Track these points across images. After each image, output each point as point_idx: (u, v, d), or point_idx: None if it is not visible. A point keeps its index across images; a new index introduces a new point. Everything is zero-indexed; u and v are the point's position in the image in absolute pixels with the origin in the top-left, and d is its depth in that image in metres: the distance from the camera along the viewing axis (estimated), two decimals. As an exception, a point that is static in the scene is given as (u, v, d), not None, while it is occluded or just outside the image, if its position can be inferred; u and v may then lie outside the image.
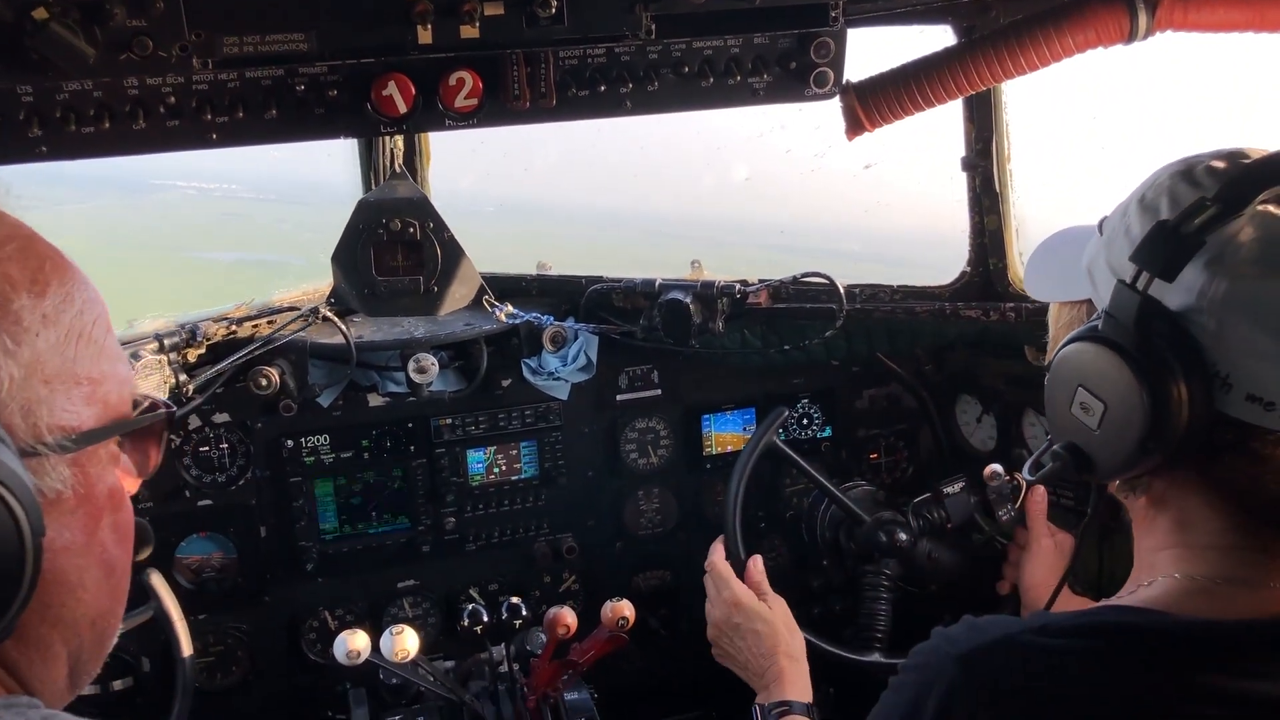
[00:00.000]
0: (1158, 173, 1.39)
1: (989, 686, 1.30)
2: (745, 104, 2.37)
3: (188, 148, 2.11)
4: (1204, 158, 1.35)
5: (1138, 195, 1.38)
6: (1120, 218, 1.40)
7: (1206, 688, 1.24)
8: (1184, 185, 1.31)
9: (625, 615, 2.63)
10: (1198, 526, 1.36)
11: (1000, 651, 1.33)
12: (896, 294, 3.08)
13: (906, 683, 1.42)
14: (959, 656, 1.33)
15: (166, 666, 3.16)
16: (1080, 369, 1.35)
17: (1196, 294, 1.24)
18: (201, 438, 3.11)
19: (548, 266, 3.42)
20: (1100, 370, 1.32)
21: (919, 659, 1.42)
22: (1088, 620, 1.34)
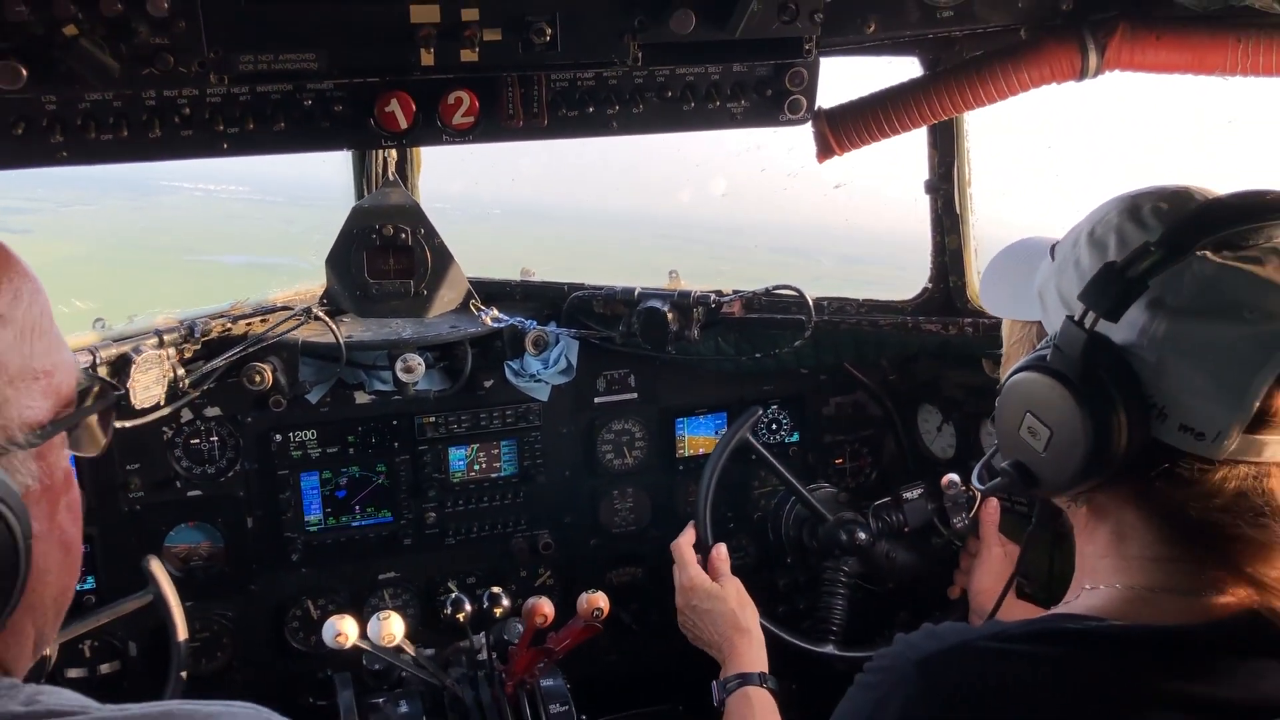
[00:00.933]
0: (1106, 207, 1.47)
1: (946, 691, 1.35)
2: (723, 127, 2.51)
3: (200, 155, 2.23)
4: (1150, 196, 1.43)
5: (1087, 228, 1.47)
6: (1071, 248, 1.48)
7: (1153, 690, 1.30)
8: (1131, 225, 1.41)
9: (600, 606, 2.77)
10: (1133, 539, 1.45)
11: (957, 657, 1.38)
12: (862, 307, 3.24)
13: (870, 683, 1.47)
14: (918, 662, 1.39)
15: (154, 650, 3.26)
16: (1029, 396, 1.44)
17: (1138, 331, 1.34)
18: (193, 430, 3.21)
19: (531, 273, 3.56)
20: (1048, 399, 1.41)
21: (883, 663, 1.47)
22: (1040, 627, 1.39)
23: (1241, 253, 1.32)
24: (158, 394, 2.87)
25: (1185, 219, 1.35)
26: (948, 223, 2.96)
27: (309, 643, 3.42)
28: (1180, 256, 1.32)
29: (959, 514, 3.08)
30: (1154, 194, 1.44)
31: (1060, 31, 2.36)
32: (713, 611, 2.83)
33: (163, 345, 2.87)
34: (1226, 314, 1.30)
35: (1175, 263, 1.32)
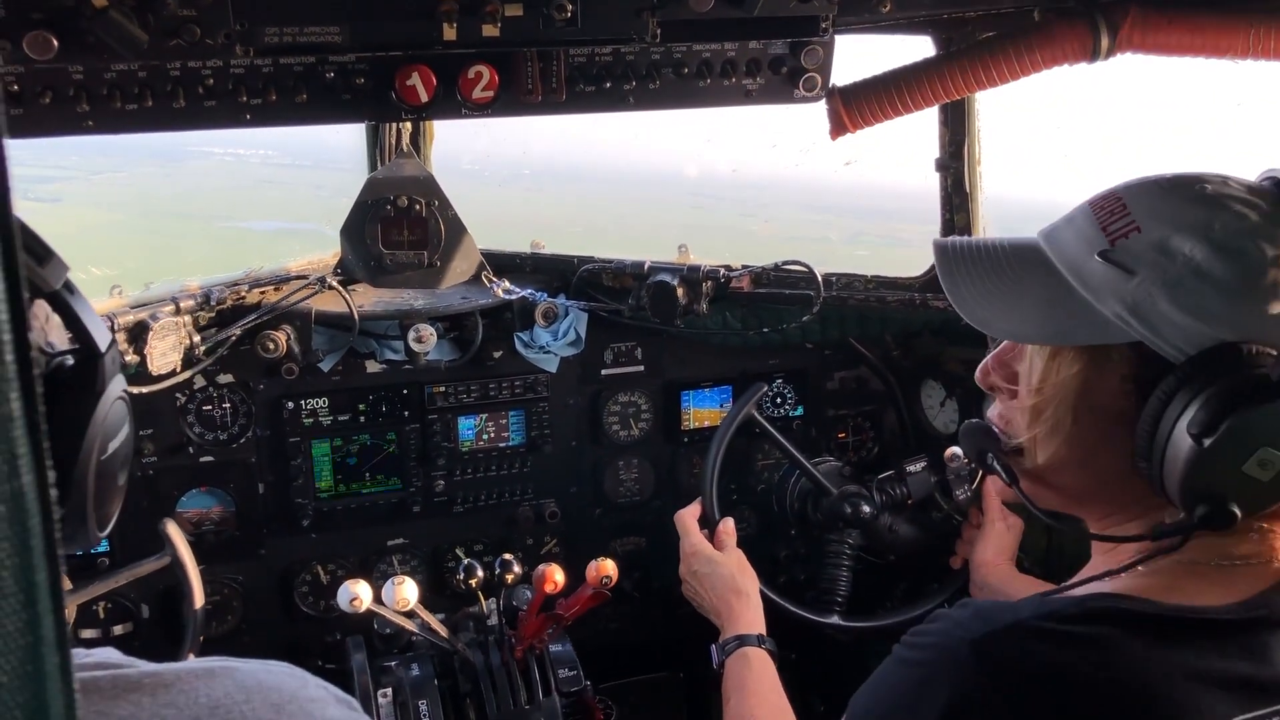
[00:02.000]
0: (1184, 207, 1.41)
1: (1001, 671, 1.35)
2: (738, 103, 2.54)
3: (223, 126, 2.26)
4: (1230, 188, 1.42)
5: (1194, 234, 1.38)
6: (1167, 258, 1.39)
7: (1204, 670, 1.32)
8: (1270, 225, 1.38)
9: (609, 574, 2.83)
10: None
11: (1011, 638, 1.37)
12: (870, 283, 3.28)
13: (916, 660, 1.46)
14: (972, 641, 1.37)
15: (166, 612, 3.31)
16: (1271, 430, 1.33)
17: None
18: (205, 397, 3.25)
19: (541, 245, 3.59)
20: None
21: (930, 639, 1.45)
22: (1092, 608, 1.39)
23: None
24: (174, 360, 2.91)
25: None
26: (957, 200, 3.00)
27: (318, 607, 3.47)
28: None
29: (961, 486, 3.13)
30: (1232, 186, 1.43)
31: (1072, 14, 2.38)
32: (711, 576, 2.89)
33: (179, 313, 2.90)
34: None
35: None
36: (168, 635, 3.31)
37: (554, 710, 2.81)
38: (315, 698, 1.20)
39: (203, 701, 1.10)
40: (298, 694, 1.18)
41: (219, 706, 1.11)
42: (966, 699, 1.35)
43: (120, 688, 1.09)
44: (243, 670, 1.19)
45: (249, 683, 1.15)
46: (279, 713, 1.13)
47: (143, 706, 1.08)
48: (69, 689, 0.62)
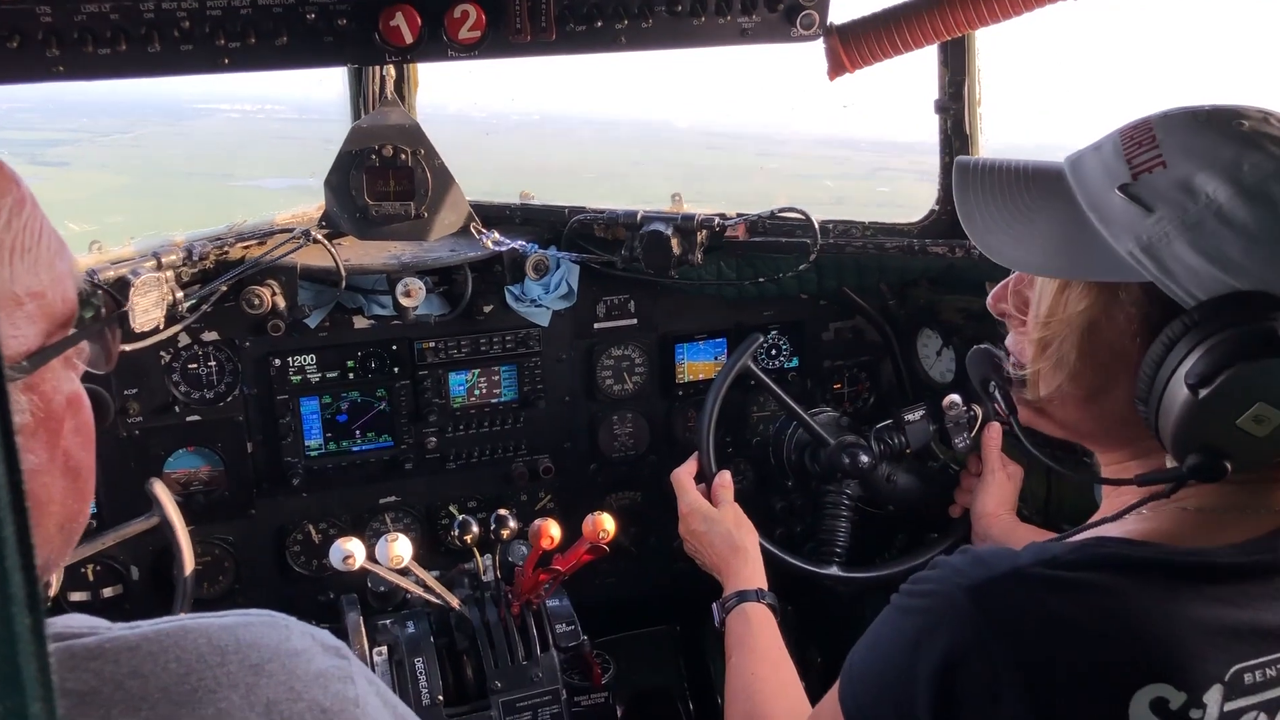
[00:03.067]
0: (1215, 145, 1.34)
1: (1000, 618, 1.33)
2: (734, 43, 2.47)
3: (200, 71, 2.17)
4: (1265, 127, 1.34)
5: (1220, 175, 1.32)
6: (1190, 198, 1.33)
7: (1200, 616, 1.30)
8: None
9: (606, 528, 2.78)
10: None
11: (1010, 584, 1.35)
12: (868, 230, 3.21)
13: (914, 608, 1.43)
14: (970, 588, 1.35)
15: (155, 575, 3.27)
16: (1268, 386, 1.28)
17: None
18: (190, 355, 3.19)
19: (531, 196, 3.51)
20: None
21: (928, 587, 1.43)
22: (1093, 553, 1.37)
23: None
24: (157, 317, 2.84)
25: None
26: (957, 143, 2.93)
27: (311, 566, 3.44)
28: None
29: (960, 435, 3.09)
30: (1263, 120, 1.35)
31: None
32: (709, 533, 2.85)
33: (161, 268, 2.82)
34: None
35: None
36: (159, 597, 3.27)
37: (552, 665, 2.78)
38: (299, 649, 1.11)
39: (173, 668, 1.02)
40: (279, 649, 1.09)
41: (190, 672, 1.02)
42: (965, 645, 1.33)
43: (79, 656, 1.00)
44: (217, 626, 1.09)
45: (224, 641, 1.06)
46: (258, 673, 1.05)
47: (104, 676, 1.00)
48: (43, 652, 0.56)
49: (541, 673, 2.75)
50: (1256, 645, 1.30)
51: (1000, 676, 1.30)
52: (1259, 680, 1.30)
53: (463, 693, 2.75)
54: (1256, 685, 1.29)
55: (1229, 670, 1.28)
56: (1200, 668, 1.28)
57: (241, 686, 1.04)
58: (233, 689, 1.03)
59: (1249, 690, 1.29)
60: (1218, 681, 1.28)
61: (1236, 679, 1.28)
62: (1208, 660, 1.28)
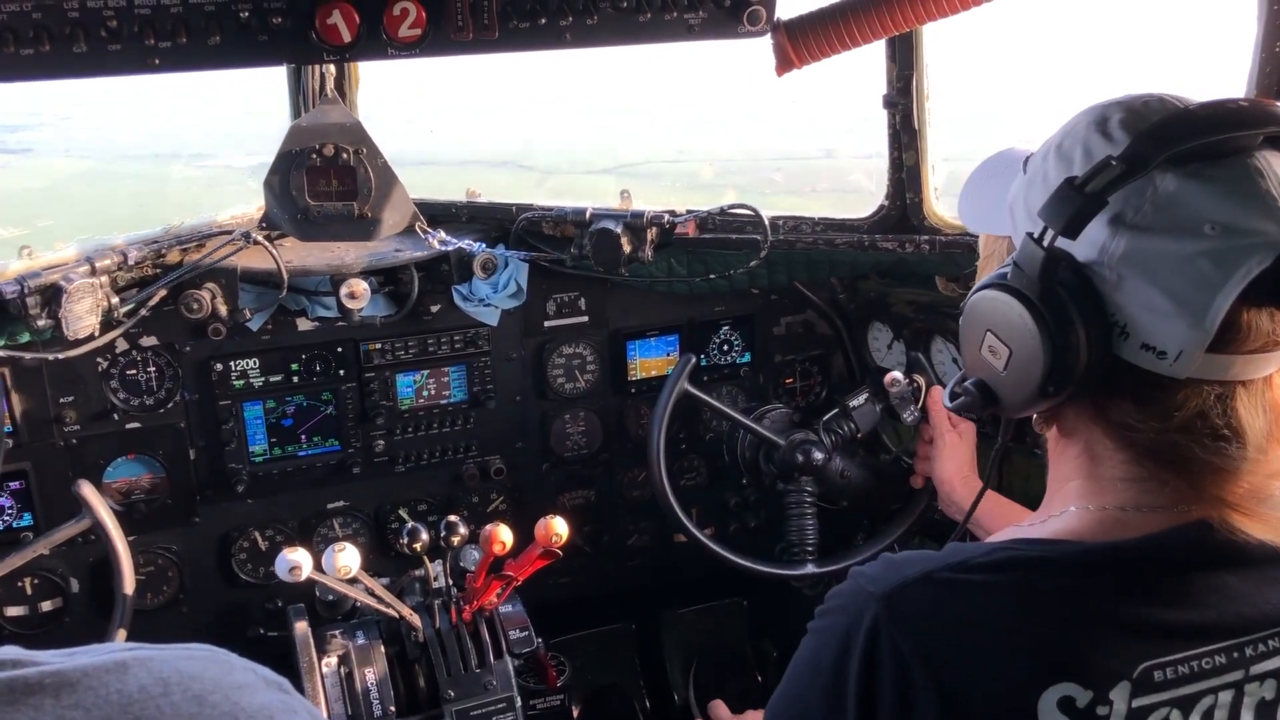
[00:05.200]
0: (1077, 118, 1.42)
1: (911, 622, 1.34)
2: (680, 39, 2.43)
3: (129, 72, 2.09)
4: (1119, 106, 1.38)
5: (1057, 141, 1.43)
6: (1040, 161, 1.44)
7: (1106, 615, 1.31)
8: (1098, 138, 1.36)
9: (559, 531, 2.74)
10: (1103, 459, 1.43)
11: (921, 588, 1.36)
12: (817, 226, 3.19)
13: (830, 626, 1.44)
14: (882, 595, 1.36)
15: (95, 586, 3.19)
16: (989, 315, 1.42)
17: (1098, 249, 1.31)
18: (129, 361, 3.10)
19: (477, 194, 3.45)
20: (1007, 318, 1.38)
21: (839, 601, 1.44)
22: (1004, 555, 1.38)
23: (1203, 166, 1.29)
24: (92, 324, 2.75)
25: (1147, 132, 1.30)
26: (905, 138, 2.91)
27: (257, 574, 3.37)
28: (1141, 171, 1.27)
29: (907, 408, 3.10)
30: (1123, 104, 1.38)
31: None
32: None
33: (95, 273, 2.74)
34: (1186, 230, 1.27)
35: (1136, 177, 1.27)
36: (99, 609, 3.19)
37: (506, 672, 2.74)
38: (241, 684, 1.09)
39: (114, 699, 0.99)
40: (221, 681, 1.07)
41: (133, 703, 0.99)
42: (879, 650, 1.34)
43: (18, 691, 0.97)
44: (158, 659, 1.08)
45: (166, 673, 1.04)
46: (201, 704, 1.02)
47: (44, 710, 0.97)
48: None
49: (495, 680, 2.71)
50: (1166, 643, 1.31)
51: (912, 680, 1.31)
52: (1169, 678, 1.30)
53: (414, 703, 2.71)
54: (1167, 682, 1.30)
55: (1137, 668, 1.29)
56: (1106, 665, 1.29)
57: (185, 716, 1.01)
58: (176, 719, 1.00)
59: (1159, 687, 1.30)
60: (1125, 679, 1.28)
61: (1145, 676, 1.29)
62: (1114, 658, 1.29)
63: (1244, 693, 1.34)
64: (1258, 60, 2.45)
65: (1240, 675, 1.33)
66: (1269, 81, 2.44)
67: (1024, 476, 3.27)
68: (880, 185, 3.12)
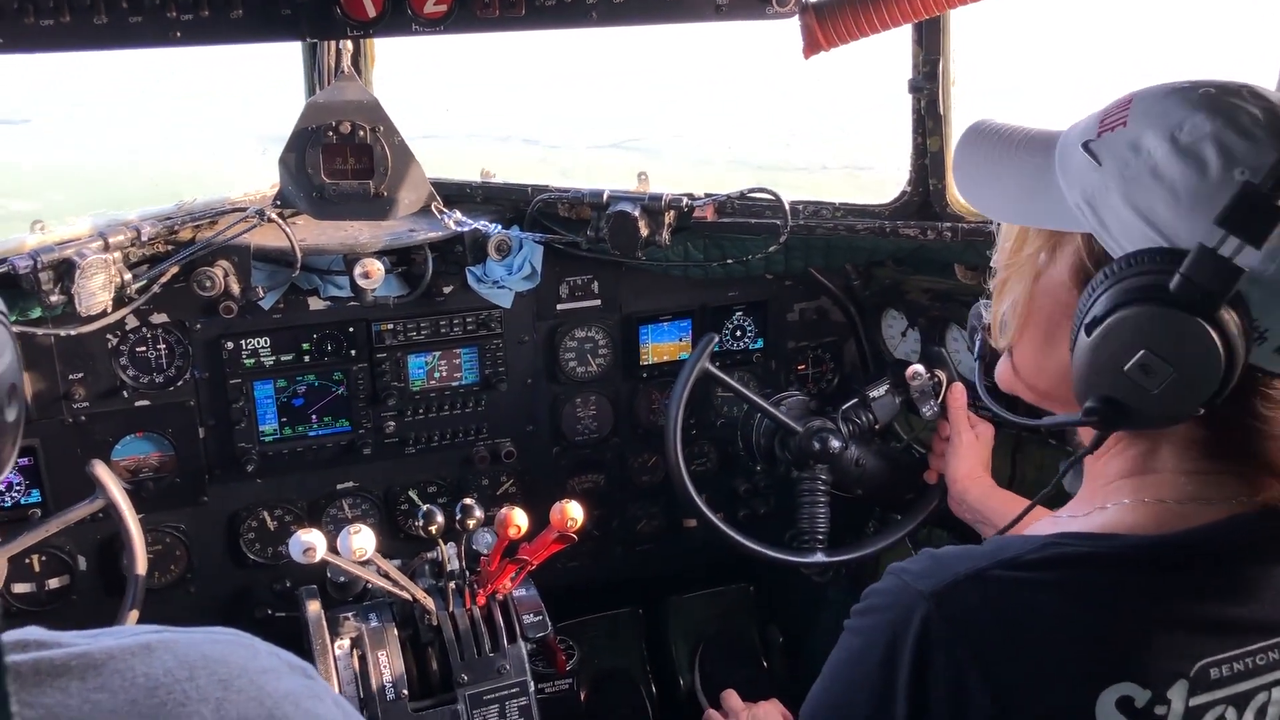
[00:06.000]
0: (1171, 108, 1.34)
1: (964, 622, 1.31)
2: (708, 19, 2.40)
3: (149, 45, 2.06)
4: (1228, 97, 1.32)
5: (1162, 134, 1.32)
6: (1134, 154, 1.33)
7: (1162, 612, 1.29)
8: (1234, 135, 1.28)
9: (574, 516, 2.72)
10: (1169, 455, 1.40)
11: (971, 587, 1.33)
12: (838, 211, 3.16)
13: (875, 625, 1.40)
14: (931, 594, 1.33)
15: (103, 564, 3.17)
16: (1149, 333, 1.28)
17: (1264, 256, 1.24)
18: (139, 338, 3.07)
19: (491, 175, 3.41)
20: (1175, 337, 1.26)
21: (884, 599, 1.41)
22: (1055, 552, 1.35)
23: None
24: (105, 300, 2.72)
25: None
26: (930, 124, 2.87)
27: (267, 554, 3.35)
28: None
29: (927, 402, 3.08)
30: (1231, 94, 1.32)
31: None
32: None
33: (108, 249, 2.70)
34: None
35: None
36: (107, 587, 3.18)
37: (520, 657, 2.72)
38: (267, 668, 1.09)
39: (140, 682, 0.99)
40: (247, 665, 1.07)
41: (159, 686, 0.99)
42: (931, 652, 1.31)
43: (45, 673, 0.97)
44: (184, 642, 1.07)
45: (192, 656, 1.03)
46: (227, 688, 1.02)
47: (71, 693, 0.96)
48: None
49: (509, 665, 2.69)
50: (1222, 640, 1.29)
51: (966, 681, 1.29)
52: (1225, 675, 1.28)
53: (427, 686, 2.69)
54: (1223, 680, 1.28)
55: (1194, 666, 1.27)
56: (1164, 664, 1.27)
57: (211, 701, 1.01)
58: (202, 703, 1.00)
59: (1215, 685, 1.28)
60: (1182, 677, 1.27)
61: (1202, 674, 1.27)
62: (1171, 656, 1.27)
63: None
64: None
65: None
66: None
67: (1037, 466, 3.25)
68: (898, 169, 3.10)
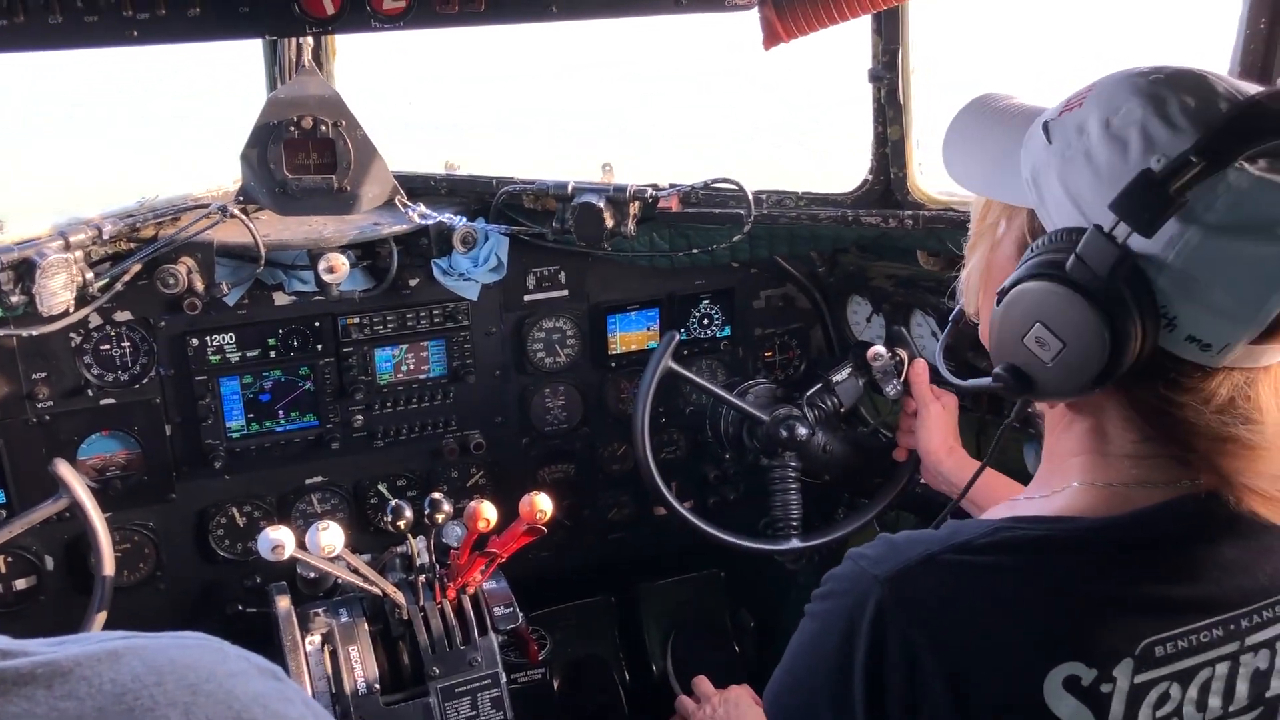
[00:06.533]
0: (1116, 92, 1.35)
1: (917, 606, 1.33)
2: (667, 12, 2.40)
3: (105, 44, 2.04)
4: (1170, 86, 1.32)
5: (1099, 116, 1.34)
6: (1077, 135, 1.35)
7: (1112, 592, 1.32)
8: (1158, 123, 1.29)
9: (543, 508, 2.73)
10: (1113, 437, 1.41)
11: (924, 570, 1.35)
12: (801, 200, 3.18)
13: (832, 610, 1.42)
14: (886, 579, 1.35)
15: (71, 564, 3.15)
16: (1042, 306, 1.34)
17: (1164, 244, 1.26)
18: (102, 336, 3.05)
19: (456, 166, 3.41)
20: (1064, 313, 1.31)
21: (839, 584, 1.43)
22: (1006, 535, 1.37)
23: (1275, 164, 1.24)
24: (66, 300, 2.70)
25: (1225, 126, 1.24)
26: (890, 113, 2.90)
27: (236, 550, 3.35)
28: (1219, 169, 1.22)
29: (890, 381, 3.10)
30: (1172, 83, 1.32)
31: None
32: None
33: (69, 248, 2.68)
34: (1260, 231, 1.23)
35: (1213, 175, 1.23)
36: (75, 586, 3.16)
37: (491, 649, 2.74)
38: (235, 671, 1.07)
39: (108, 689, 0.98)
40: (215, 669, 1.05)
41: (126, 692, 0.98)
42: (885, 634, 1.33)
43: (10, 682, 0.96)
44: (152, 648, 1.07)
45: (159, 661, 1.03)
46: (195, 693, 1.01)
47: (38, 701, 0.95)
48: None
49: (480, 657, 2.71)
50: (1166, 619, 1.32)
51: (920, 663, 1.31)
52: (1169, 653, 1.31)
53: (399, 680, 2.70)
54: (1167, 657, 1.31)
55: (1139, 644, 1.30)
56: (1109, 643, 1.30)
57: (179, 706, 1.00)
58: (171, 708, 0.99)
59: (1160, 662, 1.31)
60: (1128, 656, 1.30)
61: (1147, 652, 1.30)
62: (1117, 636, 1.30)
63: (1239, 663, 1.35)
64: (1242, 38, 2.44)
65: (1236, 646, 1.35)
66: (1252, 60, 2.44)
67: (1002, 449, 3.28)
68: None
